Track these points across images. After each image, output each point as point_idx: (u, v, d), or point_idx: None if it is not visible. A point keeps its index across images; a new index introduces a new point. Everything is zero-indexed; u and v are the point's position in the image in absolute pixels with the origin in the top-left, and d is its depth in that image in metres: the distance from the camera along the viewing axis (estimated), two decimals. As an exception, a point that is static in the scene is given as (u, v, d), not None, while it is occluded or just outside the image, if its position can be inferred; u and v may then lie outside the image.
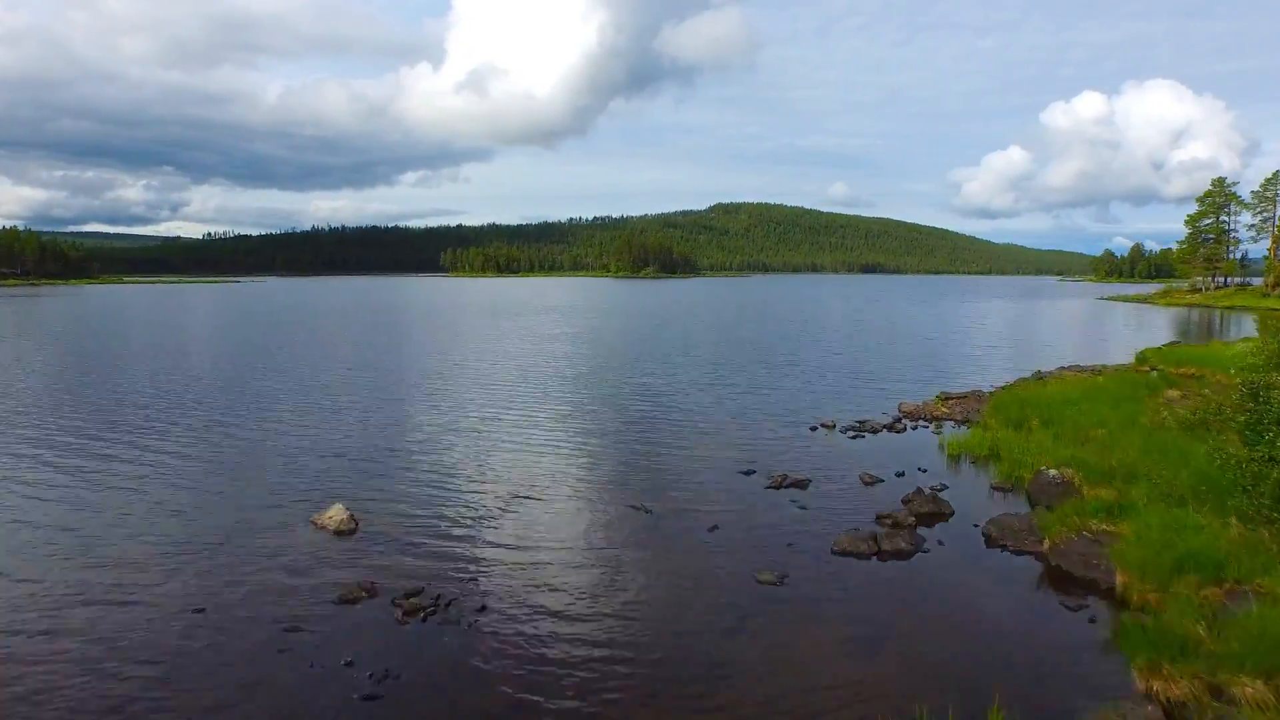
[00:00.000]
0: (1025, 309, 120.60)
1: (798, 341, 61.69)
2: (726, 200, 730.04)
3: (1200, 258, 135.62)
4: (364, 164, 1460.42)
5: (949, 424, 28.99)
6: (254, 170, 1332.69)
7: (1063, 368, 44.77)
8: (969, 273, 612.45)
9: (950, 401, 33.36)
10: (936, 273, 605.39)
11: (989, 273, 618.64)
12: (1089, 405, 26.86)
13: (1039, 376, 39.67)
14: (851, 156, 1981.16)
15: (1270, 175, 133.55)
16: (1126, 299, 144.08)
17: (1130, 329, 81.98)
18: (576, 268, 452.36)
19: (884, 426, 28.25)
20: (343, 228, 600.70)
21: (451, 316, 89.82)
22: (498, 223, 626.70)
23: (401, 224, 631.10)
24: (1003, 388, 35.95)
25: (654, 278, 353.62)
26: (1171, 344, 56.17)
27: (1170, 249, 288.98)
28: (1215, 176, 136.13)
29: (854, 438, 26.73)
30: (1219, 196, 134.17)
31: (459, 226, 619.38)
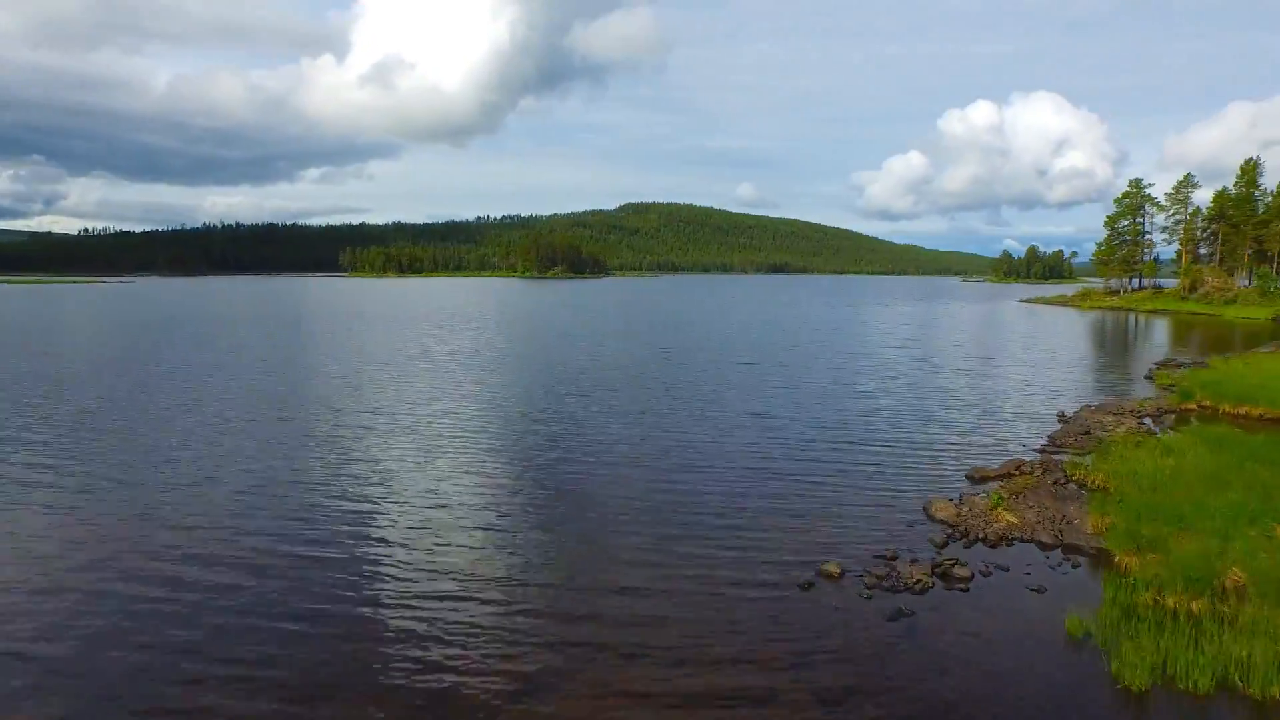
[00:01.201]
0: (959, 315, 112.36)
1: (741, 387, 49.27)
2: (636, 200, 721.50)
3: (1118, 260, 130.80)
4: (263, 158, 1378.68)
5: (1025, 553, 16.92)
6: (141, 162, 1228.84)
7: (1089, 406, 33.91)
8: (873, 272, 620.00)
9: (997, 485, 21.53)
10: (842, 273, 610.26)
11: (891, 273, 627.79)
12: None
13: (1089, 436, 28.23)
14: (759, 158, 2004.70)
15: (1182, 178, 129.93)
16: (1047, 301, 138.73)
17: (1101, 341, 73.27)
18: (483, 268, 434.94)
19: (930, 577, 15.81)
20: (237, 225, 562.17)
21: (310, 326, 74.07)
22: (403, 221, 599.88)
23: (302, 221, 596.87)
24: (1063, 461, 24.39)
25: (562, 278, 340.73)
26: (1187, 365, 46.90)
27: (1060, 251, 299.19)
28: (1090, 185, 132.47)
29: (888, 616, 14.19)
30: (1135, 198, 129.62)
31: (362, 225, 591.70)
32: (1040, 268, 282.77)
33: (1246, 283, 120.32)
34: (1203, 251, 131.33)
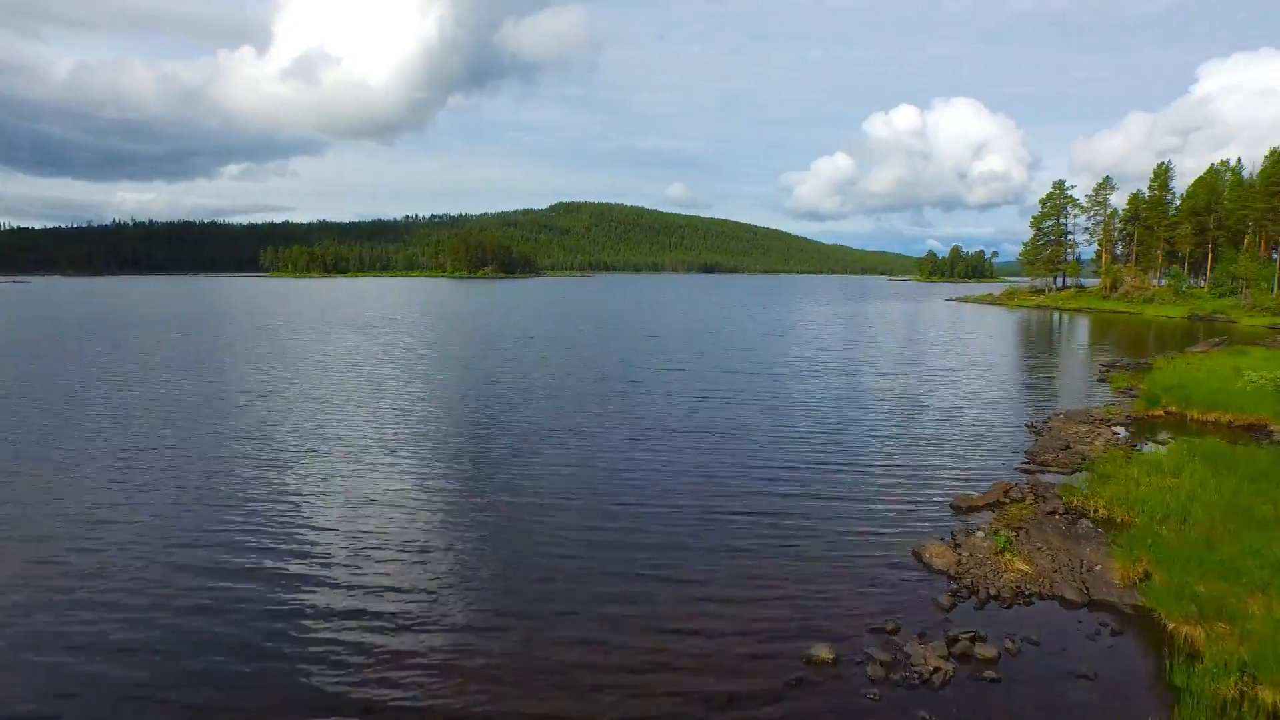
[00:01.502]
0: (895, 315, 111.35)
1: (683, 401, 45.50)
2: (568, 200, 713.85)
3: (1044, 259, 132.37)
4: (178, 153, 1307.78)
5: (1050, 616, 13.67)
6: (41, 155, 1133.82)
7: (1057, 415, 31.38)
8: (802, 272, 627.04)
9: (989, 517, 18.35)
10: (772, 272, 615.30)
11: (820, 272, 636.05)
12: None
13: (1070, 451, 25.43)
14: (689, 158, 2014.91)
15: (1101, 180, 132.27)
16: (976, 300, 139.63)
17: (1042, 341, 72.22)
18: (411, 267, 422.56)
19: (948, 660, 12.37)
20: (150, 222, 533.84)
21: (222, 330, 67.24)
22: (328, 220, 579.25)
23: (221, 219, 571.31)
24: (1054, 485, 21.42)
25: (492, 278, 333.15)
26: (1134, 366, 45.17)
27: (981, 251, 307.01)
28: (1007, 188, 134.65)
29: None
30: (1058, 199, 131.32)
31: (285, 223, 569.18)
32: (963, 267, 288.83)
33: (1160, 282, 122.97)
34: (1119, 252, 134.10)
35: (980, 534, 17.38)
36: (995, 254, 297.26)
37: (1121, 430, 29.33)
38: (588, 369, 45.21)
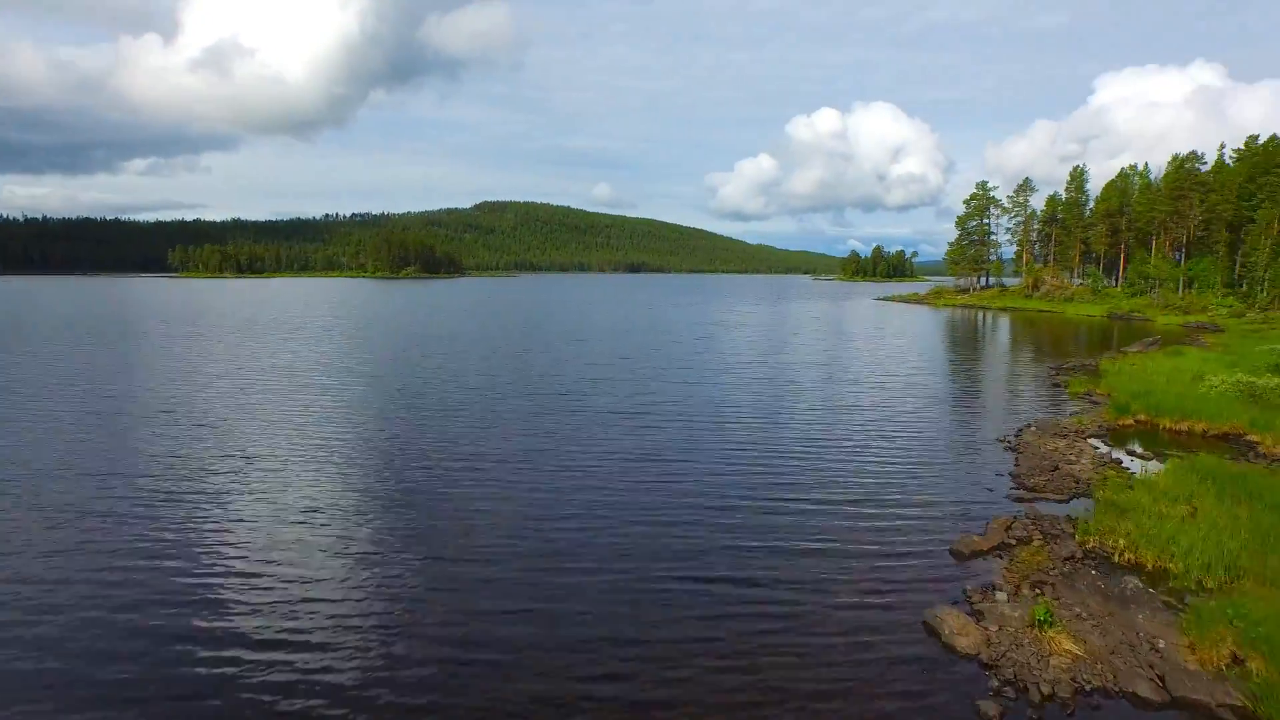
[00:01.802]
0: (828, 316, 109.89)
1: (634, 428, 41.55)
2: (493, 199, 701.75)
3: (968, 259, 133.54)
4: (76, 145, 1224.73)
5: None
6: None
7: (1030, 428, 28.71)
8: (727, 271, 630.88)
9: (998, 565, 15.21)
10: (698, 271, 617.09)
11: (745, 271, 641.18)
12: None
13: (1059, 472, 22.55)
14: (615, 158, 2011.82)
15: (1022, 182, 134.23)
16: (903, 299, 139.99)
17: (982, 342, 70.98)
18: (331, 268, 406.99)
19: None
20: (44, 219, 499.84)
21: (115, 335, 59.81)
22: (243, 218, 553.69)
23: (125, 217, 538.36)
24: (1059, 519, 18.40)
25: (415, 278, 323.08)
26: (1081, 368, 43.24)
27: (902, 251, 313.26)
28: (924, 190, 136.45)
29: None
30: (982, 200, 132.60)
31: (197, 221, 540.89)
32: (885, 267, 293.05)
33: (1078, 281, 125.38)
34: (1037, 252, 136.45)
35: (1002, 595, 14.08)
36: (915, 254, 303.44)
37: (1098, 443, 26.90)
38: (513, 381, 40.95)
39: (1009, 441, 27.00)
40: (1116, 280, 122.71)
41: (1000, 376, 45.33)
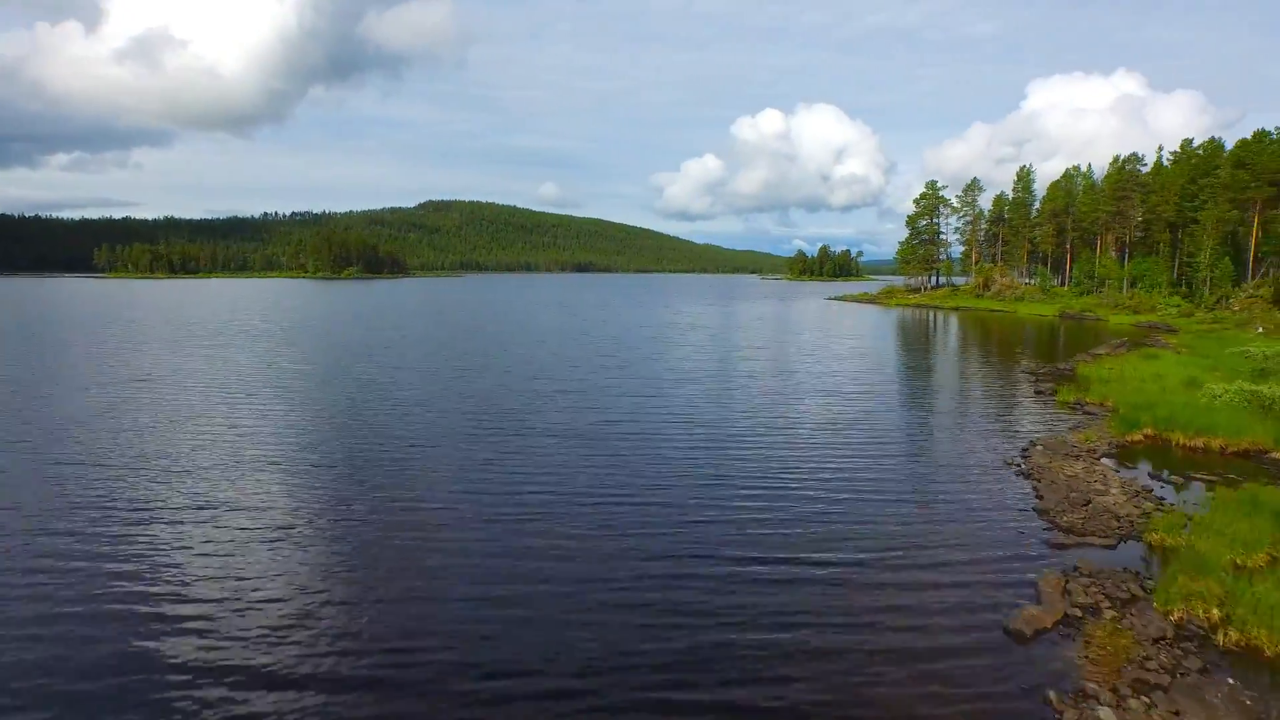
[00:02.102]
0: (783, 317, 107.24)
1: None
2: (437, 198, 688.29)
3: (919, 258, 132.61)
4: None
5: None
6: None
7: (1035, 446, 25.52)
8: (674, 271, 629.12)
9: (1074, 655, 11.73)
10: (645, 271, 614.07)
11: (692, 271, 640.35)
12: None
13: (1092, 507, 19.27)
14: (561, 158, 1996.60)
15: (970, 181, 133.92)
16: (854, 299, 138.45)
17: (948, 345, 68.66)
18: (270, 267, 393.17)
19: None
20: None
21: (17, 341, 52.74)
22: (177, 216, 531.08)
23: (48, 214, 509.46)
24: (1123, 578, 15.04)
25: (357, 278, 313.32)
26: (1056, 371, 40.28)
27: (848, 250, 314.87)
28: (866, 190, 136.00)
29: None
30: (932, 199, 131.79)
31: (126, 219, 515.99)
32: (831, 266, 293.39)
33: (1028, 280, 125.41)
34: (985, 251, 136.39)
35: (1105, 712, 10.46)
36: (860, 253, 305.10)
37: (1114, 464, 23.87)
38: (455, 399, 36.53)
39: (1018, 465, 23.74)
40: (1064, 279, 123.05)
41: (979, 384, 42.47)
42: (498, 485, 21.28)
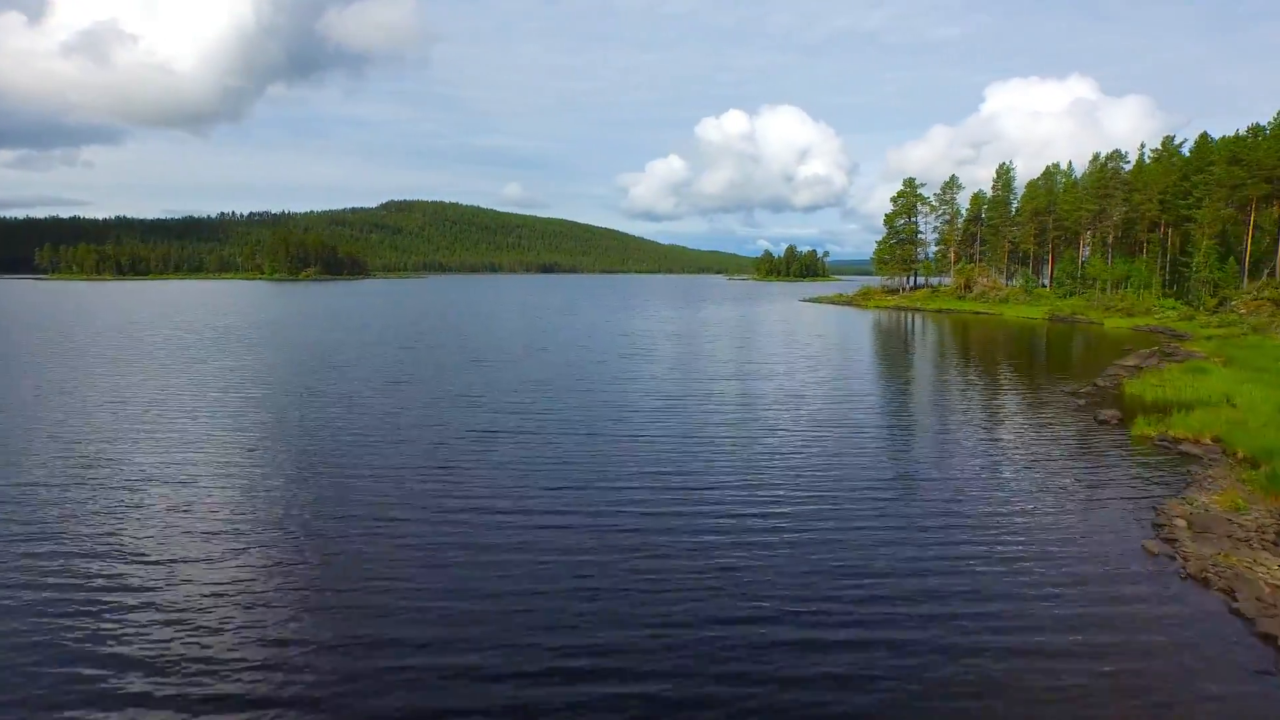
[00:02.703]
0: (763, 321, 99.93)
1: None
2: (400, 198, 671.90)
3: (897, 258, 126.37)
4: None
5: None
6: None
7: (1173, 523, 17.78)
8: (640, 271, 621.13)
9: None
10: (611, 272, 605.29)
11: (657, 271, 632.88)
12: None
13: None
14: (526, 158, 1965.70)
15: (948, 179, 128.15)
16: (830, 301, 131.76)
17: (940, 352, 61.72)
18: (225, 269, 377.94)
19: None
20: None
21: None
22: (129, 216, 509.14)
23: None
24: None
25: (316, 279, 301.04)
26: (1099, 393, 32.99)
27: (814, 251, 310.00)
28: (830, 191, 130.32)
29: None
30: (910, 198, 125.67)
31: (75, 219, 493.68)
32: (798, 266, 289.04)
33: (1010, 282, 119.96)
34: (962, 251, 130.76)
35: None
36: (828, 253, 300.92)
37: (1297, 553, 16.39)
38: (408, 429, 28.16)
39: (1170, 556, 16.15)
40: (1046, 281, 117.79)
41: (1021, 412, 34.93)
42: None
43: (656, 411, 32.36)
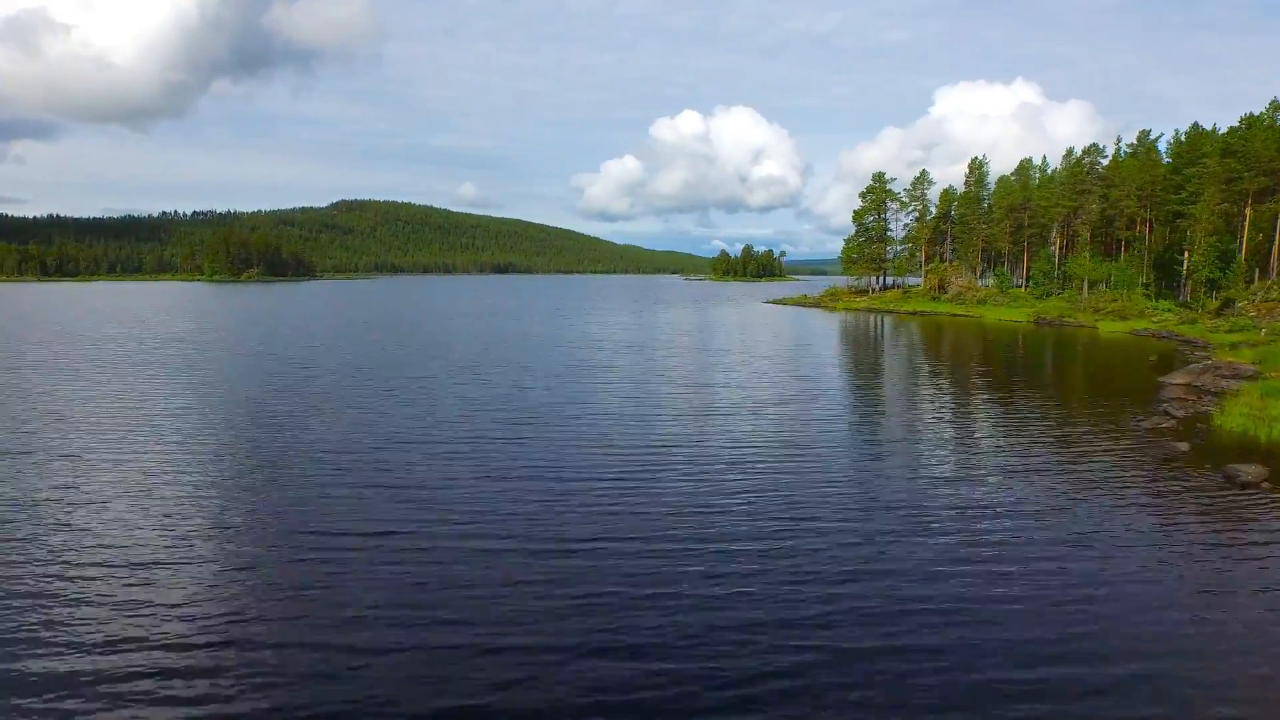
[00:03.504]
0: (720, 323, 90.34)
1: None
2: (351, 198, 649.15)
3: (867, 257, 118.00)
4: None
5: None
6: None
7: None
8: (595, 272, 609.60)
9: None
10: (567, 272, 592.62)
11: (613, 271, 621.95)
12: None
13: None
14: (481, 158, 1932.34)
15: (919, 174, 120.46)
16: (795, 302, 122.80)
17: (939, 362, 52.63)
18: (164, 269, 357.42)
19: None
20: None
21: None
22: (63, 215, 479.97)
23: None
24: None
25: (258, 281, 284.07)
26: (1161, 428, 24.07)
27: (770, 251, 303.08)
28: (784, 191, 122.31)
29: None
30: (879, 194, 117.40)
31: (4, 216, 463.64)
32: (755, 266, 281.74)
33: (985, 282, 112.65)
34: (934, 249, 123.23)
35: None
36: (784, 253, 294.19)
37: None
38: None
39: None
40: (1020, 280, 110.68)
41: (1094, 454, 25.41)
42: None
43: (617, 490, 22.15)
